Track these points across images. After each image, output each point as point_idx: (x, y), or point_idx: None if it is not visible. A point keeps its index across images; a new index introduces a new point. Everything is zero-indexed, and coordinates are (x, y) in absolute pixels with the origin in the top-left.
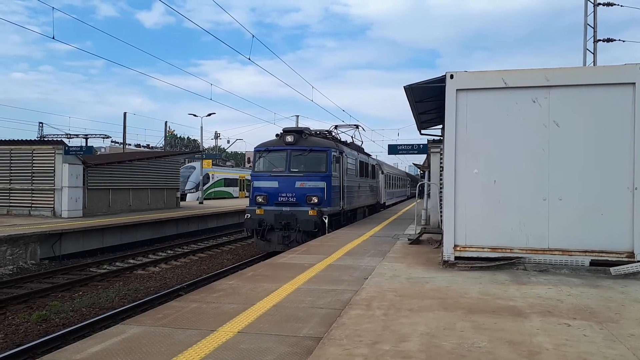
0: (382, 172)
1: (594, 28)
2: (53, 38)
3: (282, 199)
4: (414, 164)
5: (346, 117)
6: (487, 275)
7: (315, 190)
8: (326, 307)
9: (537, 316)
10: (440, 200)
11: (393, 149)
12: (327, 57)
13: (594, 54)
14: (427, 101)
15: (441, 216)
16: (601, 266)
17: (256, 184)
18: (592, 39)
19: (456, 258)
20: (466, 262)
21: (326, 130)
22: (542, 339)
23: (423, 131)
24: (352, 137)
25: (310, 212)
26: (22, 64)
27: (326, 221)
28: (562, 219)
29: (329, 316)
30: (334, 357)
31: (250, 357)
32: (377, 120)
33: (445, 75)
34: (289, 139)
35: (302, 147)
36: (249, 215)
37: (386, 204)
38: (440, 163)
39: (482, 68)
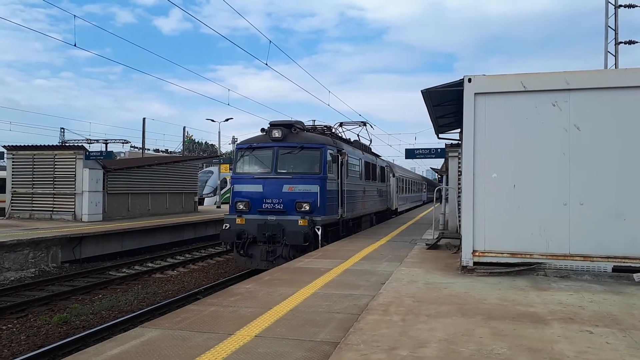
0: (394, 175)
1: (615, 30)
2: (75, 45)
3: (267, 205)
4: (431, 168)
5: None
6: (506, 280)
7: (307, 195)
8: (343, 312)
9: (558, 323)
10: (459, 204)
11: (410, 153)
12: (343, 62)
13: (615, 56)
14: (445, 105)
15: (459, 221)
16: (624, 272)
17: (237, 188)
18: (613, 41)
19: (475, 263)
20: (485, 268)
21: (324, 125)
22: (564, 346)
23: (441, 135)
24: (357, 135)
25: (301, 222)
26: (43, 71)
27: (319, 232)
28: (583, 224)
29: (345, 321)
30: None
31: None
32: (394, 124)
33: (463, 79)
34: (276, 134)
35: (292, 143)
36: (228, 226)
37: (398, 210)
38: (459, 167)
39: (500, 71)
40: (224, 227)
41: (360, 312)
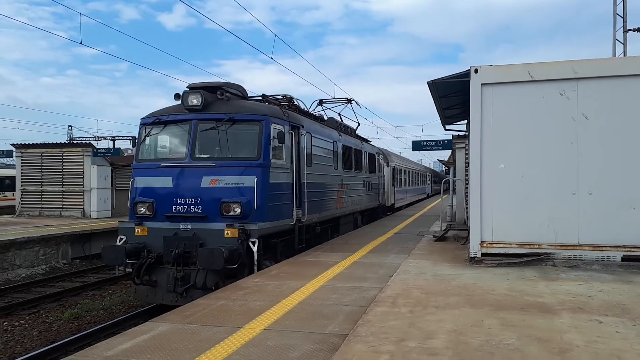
0: (388, 165)
1: (623, 18)
2: (80, 43)
3: (178, 208)
4: (438, 159)
5: (369, 114)
6: (514, 271)
7: (238, 191)
8: (351, 304)
9: (567, 313)
10: (466, 196)
11: (417, 145)
12: (348, 54)
13: (624, 44)
14: (452, 96)
15: (467, 212)
16: (634, 262)
17: (138, 182)
18: (621, 29)
19: (483, 254)
20: (493, 259)
21: (281, 95)
22: (573, 336)
23: (447, 126)
24: (339, 114)
25: (228, 232)
26: (50, 69)
27: (254, 248)
28: (592, 214)
29: (354, 313)
30: (359, 354)
31: (276, 354)
32: (401, 116)
33: (469, 69)
34: (194, 100)
35: (217, 114)
36: (123, 238)
37: (395, 205)
38: (466, 158)
39: (507, 61)
40: (119, 239)
41: (369, 304)
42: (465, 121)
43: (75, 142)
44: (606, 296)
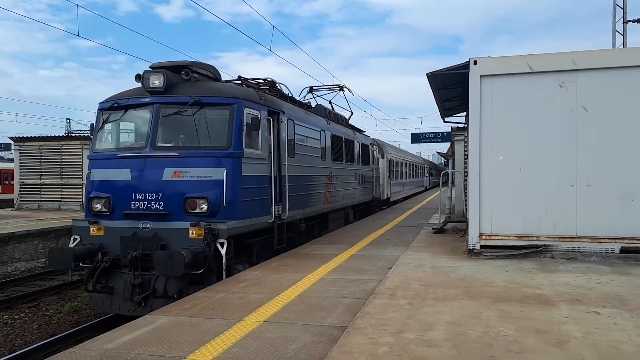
0: (383, 156)
1: (623, 9)
2: (78, 35)
3: (137, 204)
4: (437, 152)
5: (367, 107)
6: (513, 263)
7: (205, 185)
8: (350, 296)
9: (565, 304)
10: (465, 188)
11: (416, 138)
12: (347, 46)
13: (623, 35)
14: (451, 88)
15: (466, 205)
16: (632, 253)
17: (94, 174)
18: (621, 20)
19: (481, 247)
20: (492, 251)
21: (262, 79)
22: (571, 328)
23: (447, 119)
24: (330, 102)
25: (193, 232)
26: (47, 61)
27: (223, 251)
28: (590, 206)
29: (353, 305)
30: (359, 346)
31: (276, 346)
32: (399, 108)
33: (468, 61)
34: (155, 82)
35: (181, 97)
36: (77, 238)
37: (391, 199)
38: (465, 151)
39: (507, 53)
40: (72, 239)
41: (368, 296)
42: (465, 113)
43: (73, 135)
44: (604, 288)
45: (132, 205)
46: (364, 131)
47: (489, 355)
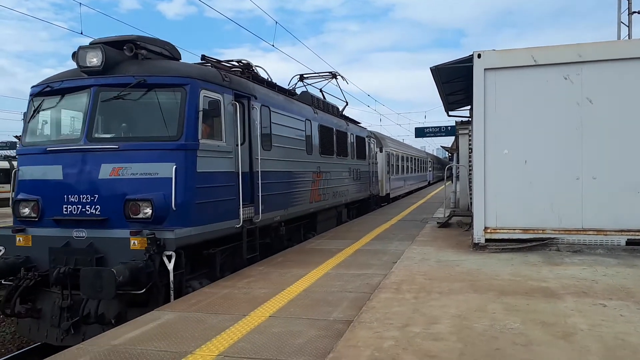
0: (381, 150)
1: (628, 0)
2: (81, 33)
3: (70, 208)
4: (441, 146)
5: (371, 102)
6: (518, 256)
7: (150, 184)
8: (355, 291)
9: (571, 297)
10: (470, 182)
11: (420, 132)
12: (350, 41)
13: (629, 27)
14: (455, 82)
15: (471, 198)
16: (638, 245)
17: (22, 172)
18: (626, 11)
19: (487, 240)
20: (497, 244)
21: (236, 60)
22: (577, 320)
23: (451, 112)
24: (321, 90)
25: (135, 243)
26: (50, 60)
27: (170, 265)
28: (596, 198)
29: (358, 300)
30: (364, 340)
31: (281, 341)
32: (403, 103)
33: (472, 54)
34: (93, 60)
35: (122, 78)
36: (1, 250)
37: (391, 195)
38: (469, 144)
39: (511, 46)
40: None
41: (373, 290)
42: (469, 107)
43: None
44: (610, 280)
45: (64, 209)
46: (359, 123)
47: (494, 348)
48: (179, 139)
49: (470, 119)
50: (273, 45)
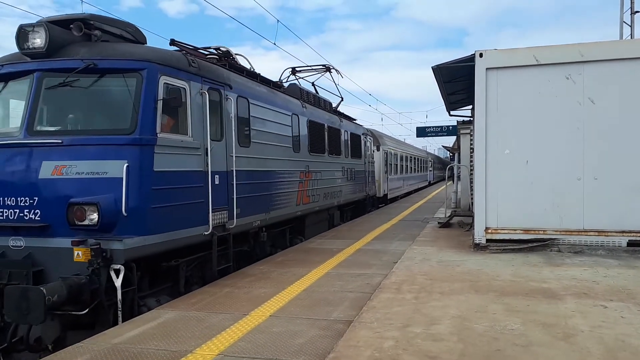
0: (378, 149)
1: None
2: None
3: (6, 213)
4: (443, 146)
5: (372, 101)
6: (519, 257)
7: (97, 185)
8: (356, 291)
9: (572, 298)
10: (471, 182)
11: (422, 132)
12: (351, 40)
13: (631, 26)
14: (456, 81)
15: (472, 199)
16: (639, 247)
17: None
18: (629, 11)
19: (488, 241)
20: (498, 245)
21: (214, 48)
22: (578, 321)
23: (452, 112)
24: (313, 84)
25: (79, 254)
26: None
27: (118, 282)
28: (597, 199)
29: (359, 300)
30: (364, 340)
31: (282, 341)
32: (405, 102)
33: (474, 54)
34: (36, 41)
35: (68, 61)
36: None
37: (389, 196)
38: (471, 144)
39: (513, 45)
40: None
41: (373, 290)
42: (470, 106)
43: None
44: (611, 281)
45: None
46: (355, 119)
47: (495, 349)
48: (133, 133)
49: (471, 119)
50: (275, 44)
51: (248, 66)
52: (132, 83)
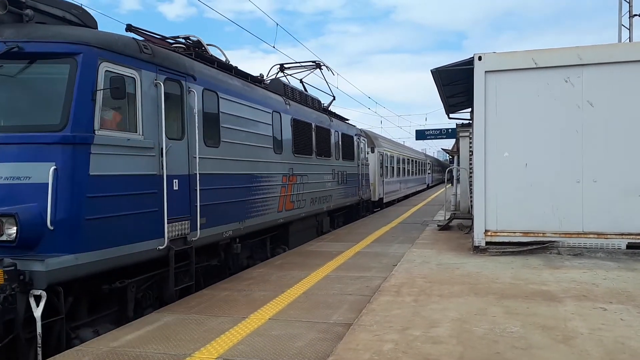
0: (373, 150)
1: (629, 3)
2: None
3: None
4: (442, 149)
5: (372, 104)
6: (519, 260)
7: (18, 192)
8: (355, 293)
9: (571, 300)
10: (470, 185)
11: (421, 134)
12: (350, 43)
13: (629, 29)
14: (455, 84)
15: (471, 201)
16: (639, 249)
17: None
18: (627, 14)
19: (487, 243)
20: (497, 247)
21: (183, 37)
22: (577, 324)
23: (451, 115)
24: (301, 81)
25: None
26: None
27: (37, 312)
28: (597, 202)
29: (358, 303)
30: (364, 343)
31: (281, 343)
32: (404, 105)
33: (473, 57)
34: None
35: None
36: None
37: (385, 200)
38: (470, 147)
39: (512, 49)
40: None
41: (373, 293)
42: (470, 109)
43: None
44: (611, 284)
45: None
46: (347, 119)
47: (494, 352)
48: (63, 129)
49: (471, 122)
50: (274, 47)
51: (224, 59)
52: (64, 70)
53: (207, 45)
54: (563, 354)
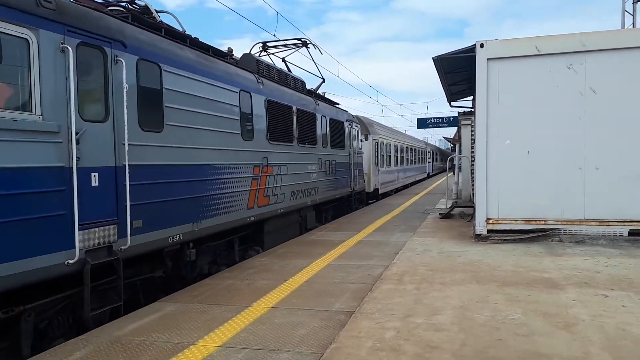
0: (367, 138)
1: None
2: None
3: None
4: (444, 137)
5: (373, 93)
6: (520, 247)
7: None
8: (357, 282)
9: (573, 287)
10: (472, 173)
11: (422, 123)
12: (351, 31)
13: (633, 15)
14: (457, 72)
15: (473, 190)
16: None
17: None
18: (631, 0)
19: (489, 231)
20: (499, 235)
21: (126, 1)
22: (579, 310)
23: (453, 103)
24: (283, 60)
25: None
26: None
27: None
28: (598, 189)
29: (360, 291)
30: (366, 330)
31: (284, 332)
32: (406, 94)
33: (475, 44)
34: None
35: None
36: None
37: (380, 191)
38: (472, 135)
39: (514, 36)
40: None
41: (375, 281)
42: (472, 97)
43: None
44: (612, 271)
45: None
46: (337, 104)
47: (496, 339)
48: None
49: (472, 110)
50: (275, 36)
51: (180, 30)
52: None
53: (159, 12)
54: (564, 341)
